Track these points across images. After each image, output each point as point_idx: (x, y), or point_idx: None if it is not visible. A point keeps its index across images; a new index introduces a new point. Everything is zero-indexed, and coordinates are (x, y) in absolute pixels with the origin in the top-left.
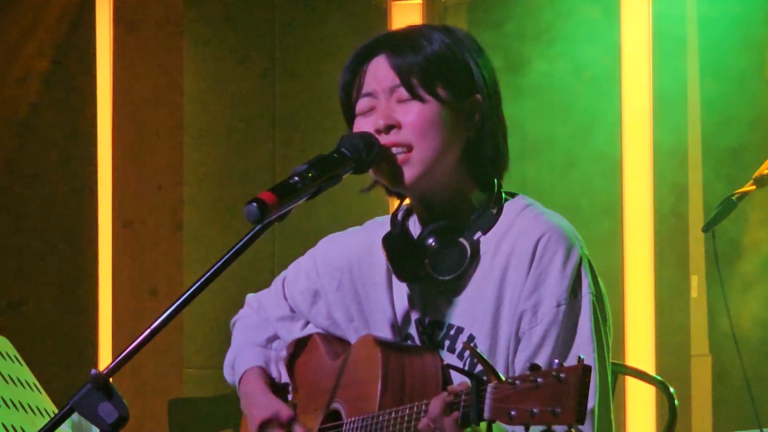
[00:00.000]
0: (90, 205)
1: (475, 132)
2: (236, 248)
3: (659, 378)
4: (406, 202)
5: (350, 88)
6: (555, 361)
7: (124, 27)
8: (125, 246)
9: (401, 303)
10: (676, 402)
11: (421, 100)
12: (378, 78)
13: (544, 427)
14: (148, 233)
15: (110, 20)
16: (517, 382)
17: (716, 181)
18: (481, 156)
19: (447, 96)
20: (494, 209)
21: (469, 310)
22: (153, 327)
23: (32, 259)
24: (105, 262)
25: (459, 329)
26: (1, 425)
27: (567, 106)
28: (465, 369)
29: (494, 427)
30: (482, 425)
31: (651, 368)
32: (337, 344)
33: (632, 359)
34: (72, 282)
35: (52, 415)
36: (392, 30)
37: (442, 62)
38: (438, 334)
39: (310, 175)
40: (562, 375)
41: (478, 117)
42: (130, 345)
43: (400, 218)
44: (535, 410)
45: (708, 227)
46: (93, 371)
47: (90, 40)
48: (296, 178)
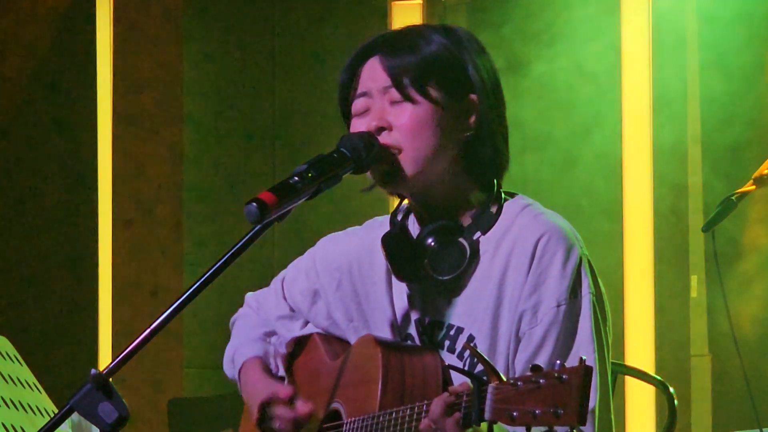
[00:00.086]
0: (90, 205)
1: (473, 132)
2: (236, 248)
3: (659, 378)
4: (406, 202)
5: (347, 89)
6: (557, 362)
7: (124, 27)
8: (125, 246)
9: (401, 303)
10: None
11: (413, 102)
12: (372, 78)
13: (546, 428)
14: (148, 233)
15: (110, 20)
16: (519, 383)
17: (716, 181)
18: (479, 156)
19: (441, 97)
20: (494, 209)
21: (469, 311)
22: (153, 327)
23: (32, 259)
24: (105, 262)
25: (459, 329)
26: (1, 425)
27: (567, 106)
28: (465, 369)
29: (495, 428)
30: (483, 426)
31: (651, 368)
32: (337, 344)
33: (632, 359)
34: (72, 282)
35: (52, 415)
36: (390, 30)
37: (436, 63)
38: (438, 334)
39: (310, 175)
40: (564, 376)
41: (475, 117)
42: (130, 345)
43: (400, 218)
44: (537, 411)
45: (708, 227)
46: (93, 371)
47: (90, 40)
48: (296, 178)
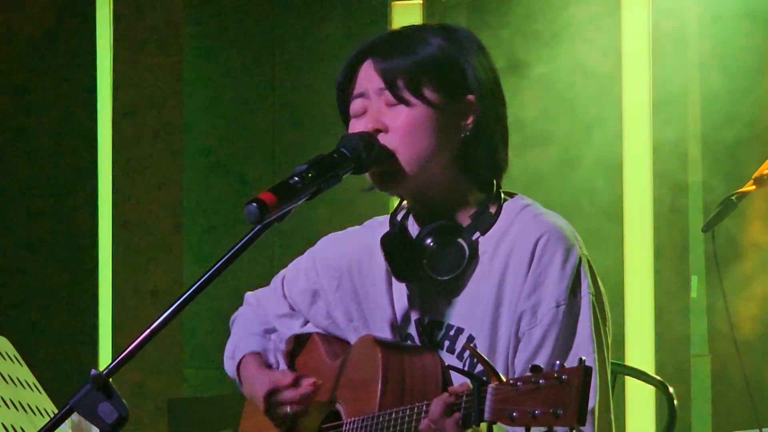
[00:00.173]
0: (90, 205)
1: (471, 133)
2: (236, 248)
3: (659, 378)
4: (406, 202)
5: (345, 90)
6: (556, 363)
7: (124, 27)
8: (125, 246)
9: (401, 303)
10: (676, 402)
11: (408, 104)
12: (368, 80)
13: (546, 429)
14: (148, 233)
15: (110, 20)
16: (519, 384)
17: (716, 180)
18: (476, 156)
19: (437, 98)
20: (493, 209)
21: (469, 311)
22: (153, 327)
23: (32, 259)
24: (105, 262)
25: (459, 330)
26: (1, 425)
27: (567, 106)
28: (465, 370)
29: (495, 429)
30: (483, 426)
31: (651, 368)
32: (337, 344)
33: (632, 359)
34: (72, 282)
35: (52, 415)
36: (386, 32)
37: (432, 64)
38: (437, 335)
39: (310, 176)
40: (564, 377)
41: (472, 118)
42: (130, 345)
43: (399, 218)
44: (537, 412)
45: (708, 227)
46: (93, 371)
47: (90, 40)
48: (296, 179)
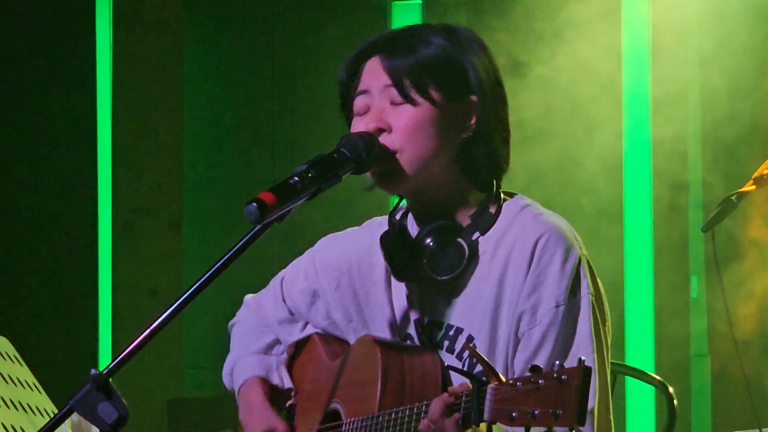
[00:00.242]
0: (90, 205)
1: (472, 133)
2: (236, 248)
3: (659, 378)
4: (405, 202)
5: (348, 87)
6: (556, 363)
7: (124, 27)
8: (125, 246)
9: (400, 303)
10: (676, 402)
11: (413, 103)
12: (373, 77)
13: (545, 429)
14: (148, 233)
15: (110, 20)
16: (518, 384)
17: (716, 180)
18: (477, 157)
19: (440, 98)
20: (492, 209)
21: (468, 311)
22: (153, 327)
23: (32, 259)
24: (105, 262)
25: (458, 330)
26: (1, 425)
27: (567, 105)
28: (464, 370)
29: (494, 429)
30: (482, 426)
31: (651, 368)
32: (337, 344)
33: (632, 359)
34: (72, 282)
35: (52, 415)
36: (390, 30)
37: (436, 64)
38: (437, 335)
39: (310, 175)
40: (564, 377)
41: (474, 119)
42: (130, 345)
43: (398, 218)
44: (536, 412)
45: (708, 227)
46: (93, 371)
47: (89, 40)
48: (296, 178)
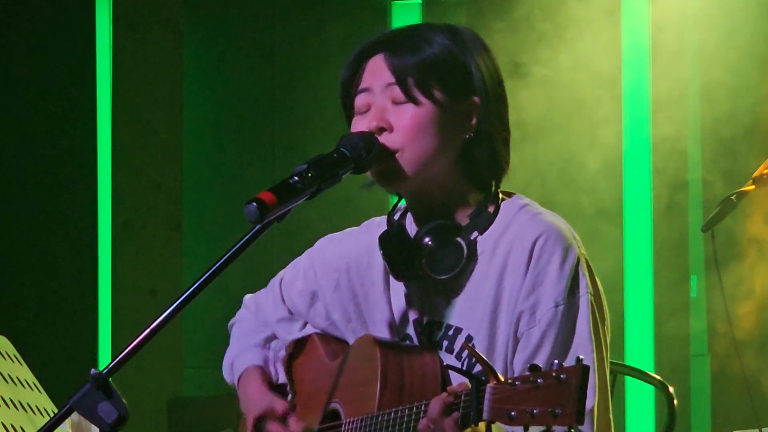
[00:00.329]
0: (90, 205)
1: (473, 134)
2: (236, 248)
3: (658, 378)
4: (403, 202)
5: (349, 85)
6: (555, 362)
7: (124, 27)
8: (125, 246)
9: (399, 303)
10: (676, 402)
11: (416, 103)
12: (375, 75)
13: (544, 428)
14: (148, 233)
15: (110, 20)
16: (517, 383)
17: (716, 178)
18: (478, 158)
19: (443, 98)
20: (491, 209)
21: (467, 311)
22: (153, 327)
23: (32, 259)
24: (105, 262)
25: (457, 330)
26: (1, 425)
27: (567, 105)
28: (464, 369)
29: (494, 428)
30: (481, 426)
31: (650, 368)
32: (336, 344)
33: (632, 359)
34: (72, 281)
35: (52, 415)
36: (393, 29)
37: (440, 64)
38: (436, 335)
39: (310, 175)
40: (563, 376)
41: (476, 119)
42: (130, 345)
43: (397, 217)
44: (535, 411)
45: (708, 227)
46: (93, 371)
47: (90, 40)
48: (296, 178)
